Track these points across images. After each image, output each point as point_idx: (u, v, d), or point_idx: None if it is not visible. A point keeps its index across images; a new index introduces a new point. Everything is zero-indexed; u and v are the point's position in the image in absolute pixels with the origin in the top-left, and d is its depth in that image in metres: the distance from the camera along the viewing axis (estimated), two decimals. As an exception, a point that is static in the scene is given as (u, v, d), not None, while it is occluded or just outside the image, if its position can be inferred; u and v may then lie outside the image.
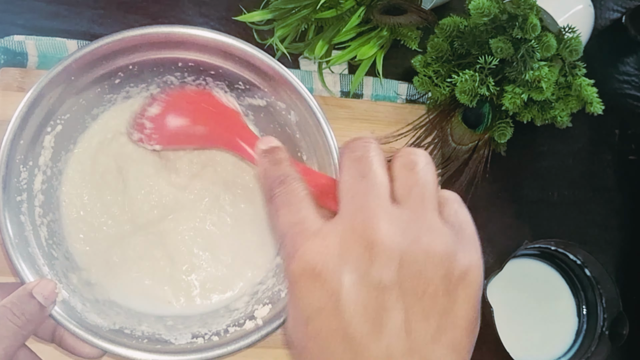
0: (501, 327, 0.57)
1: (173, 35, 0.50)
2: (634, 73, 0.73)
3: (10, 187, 0.47)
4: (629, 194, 0.70)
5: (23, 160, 0.48)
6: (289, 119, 0.52)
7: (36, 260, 0.47)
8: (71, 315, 0.46)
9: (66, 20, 0.62)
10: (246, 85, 0.53)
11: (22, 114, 0.47)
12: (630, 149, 0.71)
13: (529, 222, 0.67)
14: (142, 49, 0.50)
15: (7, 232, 0.46)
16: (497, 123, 0.61)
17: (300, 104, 0.51)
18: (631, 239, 0.69)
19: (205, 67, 0.52)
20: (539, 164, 0.69)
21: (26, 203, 0.48)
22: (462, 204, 0.34)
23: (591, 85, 0.58)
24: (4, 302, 0.41)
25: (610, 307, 0.61)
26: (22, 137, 0.48)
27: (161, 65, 0.52)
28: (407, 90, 0.65)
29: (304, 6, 0.61)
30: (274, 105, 0.53)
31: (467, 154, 0.62)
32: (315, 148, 0.52)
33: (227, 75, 0.53)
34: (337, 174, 0.36)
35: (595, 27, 0.67)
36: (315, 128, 0.51)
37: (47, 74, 0.48)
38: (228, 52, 0.51)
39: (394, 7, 0.61)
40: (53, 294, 0.44)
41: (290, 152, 0.53)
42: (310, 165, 0.53)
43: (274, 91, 0.52)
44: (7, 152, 0.46)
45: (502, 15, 0.57)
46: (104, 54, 0.49)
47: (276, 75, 0.51)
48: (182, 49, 0.51)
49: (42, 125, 0.50)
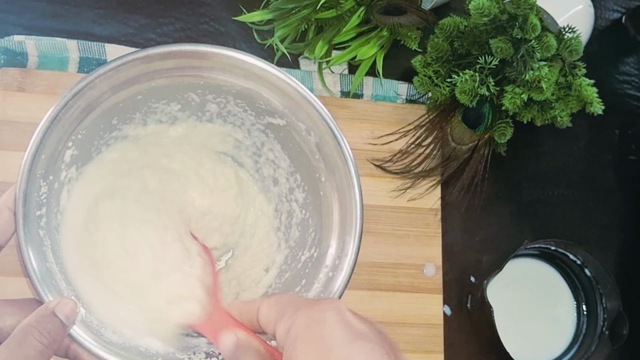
0: (501, 327, 0.57)
1: (197, 54, 0.50)
2: (634, 73, 0.73)
3: (30, 201, 0.46)
4: (629, 194, 0.70)
5: (43, 174, 0.48)
6: (309, 139, 0.52)
7: (53, 275, 0.47)
8: (87, 332, 0.45)
9: (66, 20, 0.62)
10: (266, 105, 0.53)
11: (44, 128, 0.46)
12: (630, 149, 0.71)
13: (529, 222, 0.67)
14: (165, 66, 0.50)
15: (26, 248, 0.45)
16: (497, 123, 0.61)
17: (321, 125, 0.51)
18: (631, 239, 0.69)
19: (227, 86, 0.52)
20: (539, 164, 0.69)
21: (45, 217, 0.48)
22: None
23: (591, 85, 0.58)
24: (28, 322, 0.41)
25: (610, 307, 0.61)
26: (44, 151, 0.47)
27: (183, 82, 0.52)
28: (407, 90, 0.65)
29: (304, 6, 0.61)
30: (294, 126, 0.53)
31: (467, 154, 0.62)
32: (335, 170, 0.51)
33: (247, 94, 0.52)
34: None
35: (595, 27, 0.67)
36: (335, 150, 0.51)
37: (70, 90, 0.47)
38: (250, 71, 0.51)
39: (394, 7, 0.61)
40: (74, 313, 0.44)
41: (309, 174, 0.53)
42: (329, 187, 0.52)
43: (294, 112, 0.52)
44: (28, 166, 0.46)
45: (502, 15, 0.57)
46: (127, 71, 0.49)
47: (297, 96, 0.51)
48: (204, 68, 0.51)
49: (62, 140, 0.49)
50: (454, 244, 0.64)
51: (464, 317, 0.63)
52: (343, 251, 0.50)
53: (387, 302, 0.60)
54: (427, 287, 0.61)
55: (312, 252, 0.53)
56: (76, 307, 0.44)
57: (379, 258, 0.61)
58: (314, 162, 0.53)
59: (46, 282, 0.45)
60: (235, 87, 0.52)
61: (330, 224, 0.52)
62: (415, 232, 0.62)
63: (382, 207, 0.62)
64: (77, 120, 0.49)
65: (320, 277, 0.51)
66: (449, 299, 0.63)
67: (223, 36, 0.64)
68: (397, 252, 0.62)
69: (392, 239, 0.62)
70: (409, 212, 0.63)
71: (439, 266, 0.62)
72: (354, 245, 0.50)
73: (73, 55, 0.60)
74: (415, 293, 0.61)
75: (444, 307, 0.62)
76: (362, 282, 0.60)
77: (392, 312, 0.60)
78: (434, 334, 0.61)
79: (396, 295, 0.61)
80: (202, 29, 0.64)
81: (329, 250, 0.51)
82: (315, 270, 0.52)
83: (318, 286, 0.50)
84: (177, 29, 0.64)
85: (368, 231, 0.61)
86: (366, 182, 0.62)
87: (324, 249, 0.52)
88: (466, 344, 0.62)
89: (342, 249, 0.50)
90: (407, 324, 0.60)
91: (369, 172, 0.63)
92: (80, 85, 0.47)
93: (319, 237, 0.53)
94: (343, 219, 0.51)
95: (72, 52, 0.60)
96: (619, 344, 0.59)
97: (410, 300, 0.61)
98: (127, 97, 0.51)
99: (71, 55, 0.60)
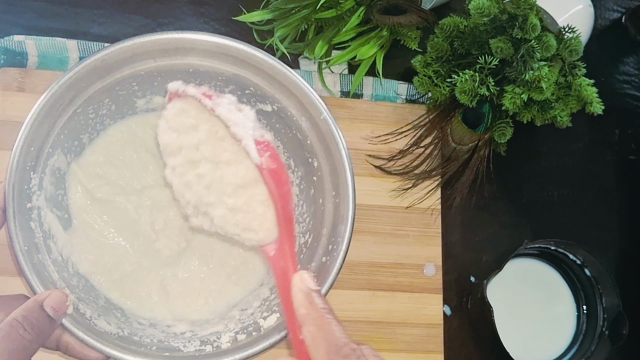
0: (501, 327, 0.57)
1: (184, 41, 0.50)
2: (634, 73, 0.73)
3: (21, 194, 0.46)
4: (629, 194, 0.70)
5: (33, 167, 0.48)
6: (300, 124, 0.52)
7: (45, 267, 0.47)
8: (80, 322, 0.45)
9: (66, 20, 0.62)
10: (257, 91, 0.53)
11: (32, 120, 0.47)
12: (630, 149, 0.71)
13: (529, 222, 0.67)
14: (153, 55, 0.50)
15: (16, 238, 0.45)
16: (497, 123, 0.61)
17: (312, 109, 0.51)
18: (631, 239, 0.69)
19: (217, 72, 0.52)
20: (539, 164, 0.69)
21: (36, 210, 0.48)
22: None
23: (591, 85, 0.58)
24: (15, 315, 0.41)
25: (610, 307, 0.61)
26: (33, 144, 0.47)
27: (172, 70, 0.52)
28: (407, 90, 0.65)
29: (304, 6, 0.61)
30: (285, 111, 0.53)
31: (467, 154, 0.62)
32: (327, 154, 0.52)
33: (238, 80, 0.53)
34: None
35: (595, 27, 0.67)
36: (326, 135, 0.51)
37: (58, 81, 0.47)
38: (239, 58, 0.51)
39: (394, 7, 0.61)
40: (64, 306, 0.44)
41: (302, 159, 0.54)
42: (322, 171, 0.53)
43: (286, 97, 0.52)
44: (17, 159, 0.46)
45: (502, 15, 0.57)
46: (114, 60, 0.49)
47: (286, 80, 0.51)
48: (193, 55, 0.51)
49: (52, 133, 0.49)
50: (454, 244, 0.64)
51: (464, 317, 0.63)
52: (336, 237, 0.50)
53: (387, 302, 0.60)
54: (427, 287, 0.61)
55: (306, 238, 0.53)
56: (66, 300, 0.44)
57: (379, 258, 0.61)
58: (306, 148, 0.53)
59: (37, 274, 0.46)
60: (225, 73, 0.52)
61: (324, 210, 0.52)
62: (415, 232, 0.62)
63: (382, 207, 0.62)
64: (65, 111, 0.49)
65: (314, 262, 0.51)
66: (449, 299, 0.63)
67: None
68: (397, 252, 0.62)
69: (392, 239, 0.62)
70: (409, 212, 0.63)
71: (439, 266, 0.62)
72: (346, 231, 0.50)
73: (73, 55, 0.60)
74: (415, 293, 0.61)
75: (444, 307, 0.62)
76: (362, 282, 0.60)
77: (392, 312, 0.60)
78: (434, 334, 0.61)
79: (396, 295, 0.61)
80: (202, 29, 0.64)
81: (322, 236, 0.52)
82: (309, 255, 0.52)
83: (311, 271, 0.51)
84: (177, 29, 0.64)
85: (368, 231, 0.62)
86: (366, 182, 0.62)
87: (318, 234, 0.52)
88: (466, 344, 0.62)
89: (335, 235, 0.50)
90: (407, 324, 0.61)
91: (369, 172, 0.63)
92: (68, 77, 0.47)
93: (313, 223, 0.53)
94: (336, 204, 0.51)
95: (71, 52, 0.60)
96: (619, 344, 0.59)
97: (410, 300, 0.61)
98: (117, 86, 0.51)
99: (71, 55, 0.60)
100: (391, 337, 0.60)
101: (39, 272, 0.46)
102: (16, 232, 0.45)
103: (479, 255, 0.65)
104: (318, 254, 0.51)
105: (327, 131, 0.51)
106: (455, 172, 0.63)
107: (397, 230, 0.62)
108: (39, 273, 0.46)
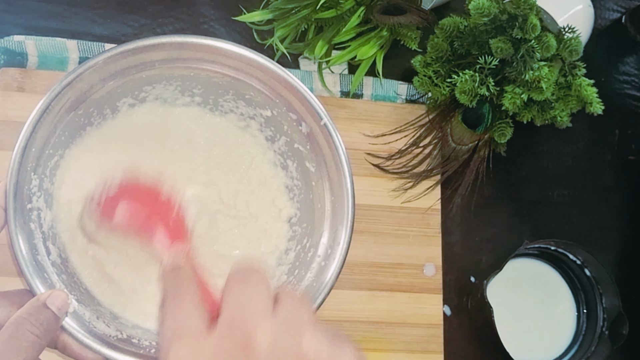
0: (501, 327, 0.57)
1: (186, 45, 0.50)
2: (634, 73, 0.73)
3: (21, 195, 0.46)
4: (629, 194, 0.70)
5: (34, 167, 0.48)
6: (300, 130, 0.52)
7: (45, 268, 0.47)
8: (79, 323, 0.45)
9: (66, 20, 0.62)
10: (256, 96, 0.53)
11: (33, 121, 0.47)
12: (630, 149, 0.71)
13: (529, 222, 0.67)
14: (154, 57, 0.50)
15: (17, 239, 0.45)
16: (497, 123, 0.61)
17: (312, 115, 0.51)
18: (631, 239, 0.69)
19: (217, 77, 0.52)
20: (539, 164, 0.69)
21: (36, 211, 0.48)
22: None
23: (591, 85, 0.58)
24: (20, 313, 0.41)
25: (610, 307, 0.61)
26: (34, 145, 0.47)
27: (173, 75, 0.52)
28: (407, 90, 0.65)
29: (304, 6, 0.61)
30: (284, 117, 0.53)
31: (467, 154, 0.62)
32: (326, 159, 0.52)
33: (236, 85, 0.52)
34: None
35: (595, 27, 0.67)
36: (325, 140, 0.51)
37: (60, 82, 0.47)
38: (239, 62, 0.51)
39: (394, 7, 0.61)
40: (66, 305, 0.44)
41: (300, 165, 0.54)
42: (319, 177, 0.52)
43: (286, 102, 0.52)
44: (18, 160, 0.46)
45: (502, 15, 0.57)
46: (116, 62, 0.49)
47: (287, 85, 0.51)
48: (194, 60, 0.51)
49: (53, 134, 0.49)
50: (454, 244, 0.64)
51: (464, 317, 0.63)
52: (335, 240, 0.50)
53: (387, 302, 0.60)
54: (427, 287, 0.61)
55: (304, 242, 0.53)
56: (67, 298, 0.44)
57: (379, 258, 0.61)
58: (305, 153, 0.53)
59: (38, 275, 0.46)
60: (225, 78, 0.52)
61: (322, 214, 0.52)
62: (415, 232, 0.62)
63: (382, 207, 0.62)
64: (67, 112, 0.49)
65: (313, 266, 0.51)
66: (449, 299, 0.63)
67: (223, 36, 0.64)
68: (397, 252, 0.62)
69: (392, 239, 0.62)
70: (409, 212, 0.63)
71: (439, 266, 0.62)
72: (345, 235, 0.50)
73: (73, 56, 0.60)
74: (415, 293, 0.61)
75: (444, 307, 0.62)
76: (362, 282, 0.60)
77: (392, 312, 0.60)
78: (433, 334, 0.61)
79: (396, 295, 0.61)
80: (202, 29, 0.64)
81: (321, 239, 0.52)
82: (308, 261, 0.52)
83: (310, 275, 0.51)
84: (177, 29, 0.64)
85: (368, 231, 0.61)
86: (366, 181, 0.62)
87: (317, 238, 0.52)
88: (466, 344, 0.62)
89: (334, 239, 0.51)
90: (407, 324, 0.61)
91: (369, 172, 0.63)
92: (70, 78, 0.47)
93: (311, 227, 0.53)
94: (335, 208, 0.51)
95: (71, 52, 0.60)
96: (619, 344, 0.59)
97: (410, 300, 0.61)
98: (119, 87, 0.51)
99: (71, 55, 0.60)
100: (391, 337, 0.60)
101: (39, 273, 0.46)
102: (16, 232, 0.45)
103: (479, 255, 0.65)
104: (317, 259, 0.51)
105: (327, 137, 0.51)
106: (455, 172, 0.63)
107: (397, 231, 0.62)
108: (39, 274, 0.46)
